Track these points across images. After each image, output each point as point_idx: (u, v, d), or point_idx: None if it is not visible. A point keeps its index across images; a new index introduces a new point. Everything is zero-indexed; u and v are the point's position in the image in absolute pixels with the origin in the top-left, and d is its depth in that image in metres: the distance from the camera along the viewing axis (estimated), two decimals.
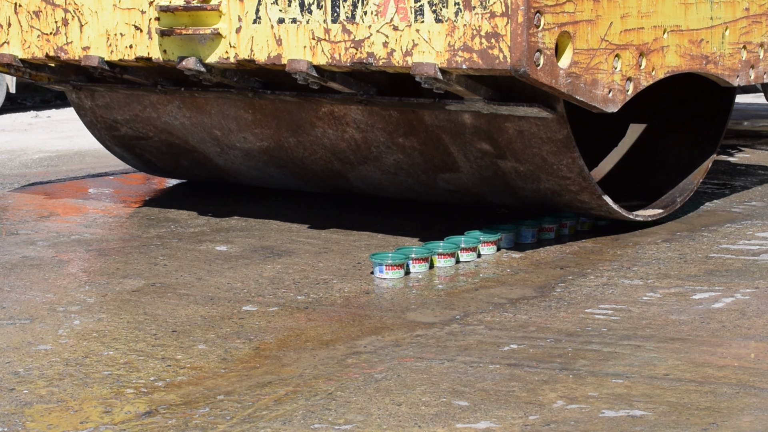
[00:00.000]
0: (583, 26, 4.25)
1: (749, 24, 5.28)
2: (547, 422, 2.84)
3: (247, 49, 4.71)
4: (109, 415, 2.93)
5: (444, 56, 4.19)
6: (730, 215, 5.46)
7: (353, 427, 2.82)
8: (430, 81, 4.24)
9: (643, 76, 4.58)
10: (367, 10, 4.38)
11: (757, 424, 2.80)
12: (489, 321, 3.74)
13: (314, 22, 4.52)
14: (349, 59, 4.42)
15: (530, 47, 4.02)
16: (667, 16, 4.71)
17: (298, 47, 4.56)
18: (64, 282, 4.31)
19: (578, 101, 4.28)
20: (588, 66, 4.28)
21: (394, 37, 4.31)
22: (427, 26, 4.23)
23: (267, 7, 4.64)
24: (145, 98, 5.71)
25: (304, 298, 4.04)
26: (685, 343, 3.47)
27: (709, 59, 5.02)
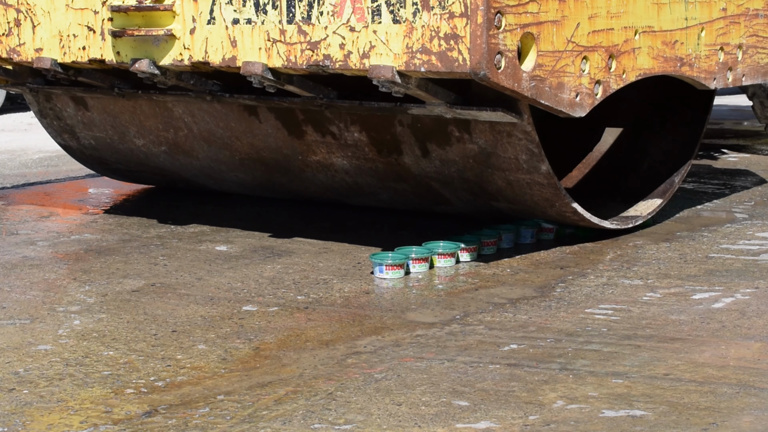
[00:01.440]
0: (548, 27, 4.09)
1: (727, 25, 5.10)
2: (547, 422, 2.84)
3: (201, 51, 4.54)
4: (109, 415, 2.93)
5: (402, 58, 4.03)
6: (730, 215, 5.46)
7: (353, 427, 2.82)
8: (387, 84, 4.08)
9: (613, 78, 4.43)
10: (323, 11, 4.22)
11: (757, 424, 2.80)
12: (489, 321, 3.74)
13: (269, 22, 4.35)
14: (305, 61, 4.26)
15: (490, 49, 3.85)
16: (638, 17, 4.54)
17: (253, 49, 4.40)
18: (64, 282, 4.31)
19: (543, 105, 4.13)
20: (553, 69, 4.13)
21: (351, 38, 4.15)
22: (384, 27, 4.08)
23: (221, 7, 4.48)
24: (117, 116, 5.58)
25: (304, 298, 4.04)
26: (685, 343, 3.47)
27: (684, 61, 4.85)
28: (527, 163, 4.45)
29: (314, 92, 4.57)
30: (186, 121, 5.32)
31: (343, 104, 4.59)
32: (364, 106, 4.54)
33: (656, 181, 5.40)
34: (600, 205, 5.23)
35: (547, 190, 4.52)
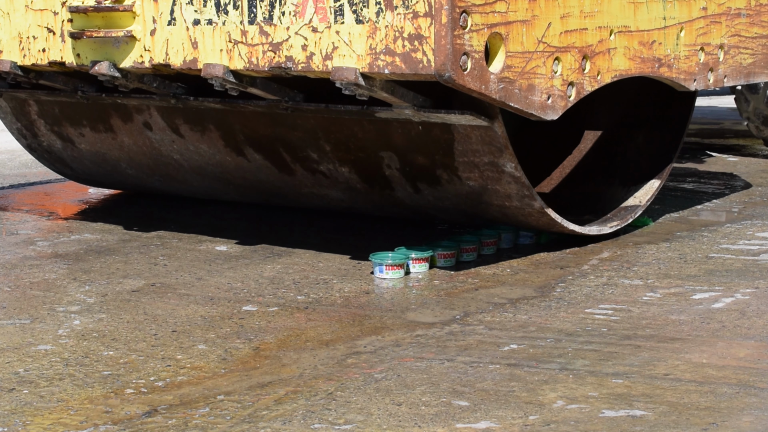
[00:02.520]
0: (517, 27, 3.95)
1: (707, 24, 4.96)
2: (547, 422, 2.84)
3: (162, 53, 4.42)
4: (109, 415, 2.93)
5: (366, 60, 3.89)
6: (730, 215, 5.46)
7: (353, 427, 2.82)
8: (351, 87, 3.94)
9: (587, 80, 4.29)
10: (285, 11, 4.08)
11: (757, 424, 2.80)
12: (489, 321, 3.74)
13: (231, 23, 4.23)
14: (267, 63, 4.13)
15: (456, 50, 3.71)
16: (613, 16, 4.41)
17: (215, 51, 4.28)
18: (64, 282, 4.31)
19: (513, 108, 3.99)
20: (523, 70, 3.98)
21: (314, 39, 4.02)
22: (347, 28, 3.94)
23: (182, 7, 4.35)
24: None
25: (304, 298, 4.04)
26: (685, 343, 3.47)
27: (662, 62, 4.70)
28: (519, 199, 4.39)
29: (279, 95, 4.44)
30: (175, 158, 5.31)
31: (309, 107, 4.45)
32: (330, 109, 4.39)
33: (634, 184, 5.29)
34: (576, 209, 5.18)
35: (543, 219, 4.48)
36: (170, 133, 5.18)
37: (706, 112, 10.12)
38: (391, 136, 4.47)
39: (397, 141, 4.47)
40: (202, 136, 5.06)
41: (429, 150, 4.40)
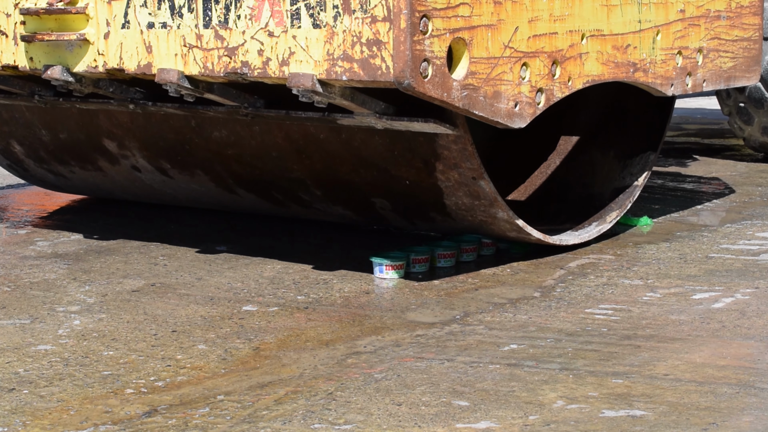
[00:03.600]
0: (482, 32, 3.79)
1: (685, 27, 4.78)
2: (547, 422, 2.84)
3: (116, 57, 4.25)
4: (109, 415, 2.93)
5: (323, 66, 3.74)
6: (730, 215, 5.46)
7: (353, 427, 2.82)
8: (308, 94, 3.79)
9: (557, 86, 4.12)
10: (241, 14, 3.93)
11: (757, 424, 2.80)
12: (489, 321, 3.74)
13: (185, 27, 4.06)
14: (223, 69, 3.98)
15: (415, 56, 3.55)
16: (585, 20, 4.24)
17: (169, 55, 4.11)
18: (64, 282, 4.31)
19: (477, 116, 3.84)
20: (488, 76, 3.82)
21: (270, 44, 3.86)
22: (304, 32, 3.78)
23: (136, 10, 4.19)
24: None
25: (304, 298, 4.04)
26: (685, 343, 3.47)
27: (637, 66, 4.53)
28: (504, 223, 4.35)
29: (238, 101, 4.27)
30: (168, 192, 5.31)
31: (269, 113, 4.27)
32: (291, 115, 4.22)
33: (605, 194, 5.18)
34: (551, 216, 5.13)
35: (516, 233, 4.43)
36: (159, 174, 5.16)
37: (706, 113, 10.13)
38: (353, 144, 4.43)
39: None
40: (192, 178, 5.06)
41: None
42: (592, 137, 5.44)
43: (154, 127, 4.93)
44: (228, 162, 4.82)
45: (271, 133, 4.58)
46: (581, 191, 5.29)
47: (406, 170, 4.38)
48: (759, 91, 6.63)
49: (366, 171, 4.49)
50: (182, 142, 4.89)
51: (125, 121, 4.99)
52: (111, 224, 5.38)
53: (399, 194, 4.51)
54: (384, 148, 4.35)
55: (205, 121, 4.71)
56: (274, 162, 4.69)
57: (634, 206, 5.64)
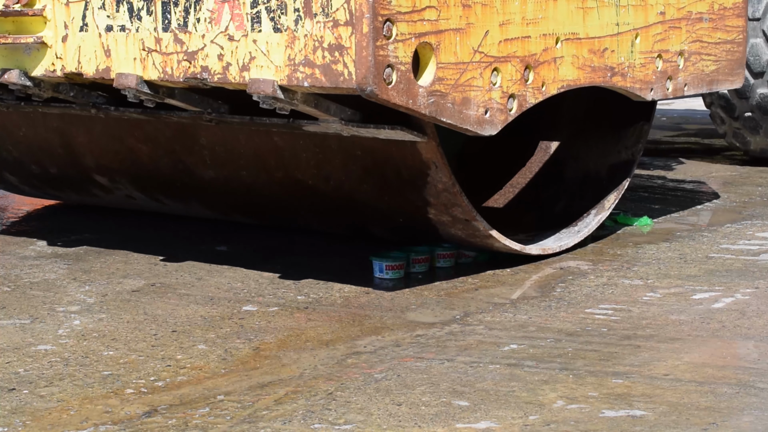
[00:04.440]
0: (450, 36, 3.66)
1: (665, 30, 4.64)
2: (547, 422, 2.84)
3: (74, 61, 4.12)
4: (109, 415, 2.93)
5: (284, 71, 3.61)
6: (730, 215, 5.46)
7: (353, 427, 2.82)
8: (269, 101, 3.67)
9: (530, 92, 3.99)
10: (201, 17, 3.80)
11: (757, 424, 2.80)
12: (489, 321, 3.74)
13: (144, 30, 3.94)
14: (183, 74, 3.85)
15: (378, 62, 3.42)
16: (560, 23, 4.10)
17: (128, 59, 3.99)
18: (64, 282, 4.31)
19: (446, 124, 3.71)
20: (457, 82, 3.69)
21: (230, 48, 3.74)
22: (265, 36, 3.66)
23: (94, 12, 4.06)
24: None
25: (304, 298, 4.04)
26: (685, 343, 3.47)
27: (615, 71, 4.40)
28: (500, 246, 4.30)
29: (201, 106, 4.16)
30: (166, 211, 5.31)
31: (233, 119, 4.18)
32: (255, 122, 4.13)
33: (602, 171, 5.08)
34: (549, 201, 5.07)
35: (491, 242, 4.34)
36: (153, 202, 5.16)
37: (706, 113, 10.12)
38: (343, 189, 4.41)
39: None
40: (187, 205, 5.07)
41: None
42: (587, 112, 5.35)
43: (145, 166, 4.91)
44: (223, 190, 4.80)
45: (262, 176, 4.54)
46: (576, 168, 5.20)
47: (398, 215, 4.37)
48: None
49: (361, 212, 4.49)
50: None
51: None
52: (111, 224, 5.38)
53: (394, 227, 4.50)
54: (373, 196, 4.34)
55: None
56: (277, 200, 4.67)
57: (634, 206, 5.64)
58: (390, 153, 4.12)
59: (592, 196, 5.01)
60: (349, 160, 4.27)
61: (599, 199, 4.95)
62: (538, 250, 4.53)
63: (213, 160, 4.62)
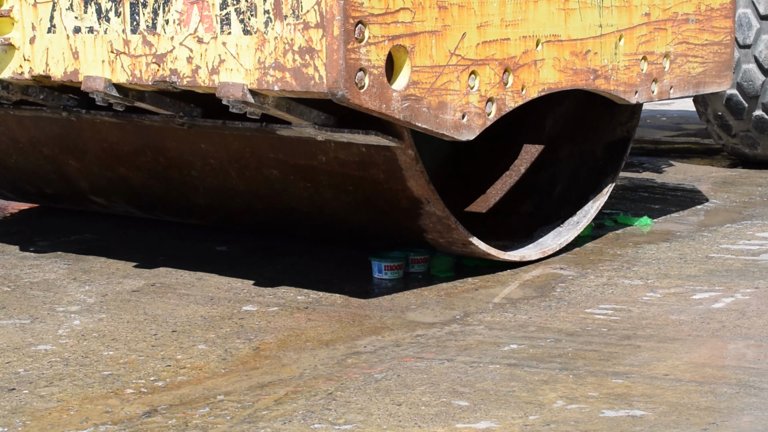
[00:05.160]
0: (425, 39, 3.56)
1: (650, 31, 4.56)
2: (547, 422, 2.84)
3: (42, 63, 4.05)
4: (109, 415, 2.93)
5: (254, 75, 3.52)
6: (730, 215, 5.46)
7: (353, 427, 2.82)
8: (238, 105, 3.58)
9: (509, 95, 3.90)
10: (169, 19, 3.71)
11: (757, 424, 2.80)
12: (489, 321, 3.74)
13: (112, 32, 3.85)
14: (151, 77, 3.77)
15: (350, 65, 3.33)
16: (540, 25, 4.01)
17: (96, 62, 3.91)
18: (64, 282, 4.31)
19: (421, 128, 3.62)
20: (432, 86, 3.60)
21: (199, 51, 3.65)
22: (234, 39, 3.57)
23: (62, 13, 3.97)
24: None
25: (304, 298, 4.04)
26: (685, 343, 3.47)
27: (598, 73, 4.31)
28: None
29: (172, 110, 4.07)
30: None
31: (206, 123, 4.08)
32: (227, 125, 4.03)
33: (597, 152, 5.02)
34: (546, 185, 5.01)
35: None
36: (152, 216, 5.15)
37: None
38: (339, 216, 4.39)
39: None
40: (185, 219, 5.06)
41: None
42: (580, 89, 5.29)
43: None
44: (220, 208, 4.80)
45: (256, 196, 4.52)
46: (572, 149, 5.14)
47: (394, 236, 4.38)
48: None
49: (357, 233, 4.49)
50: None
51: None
52: (111, 224, 5.38)
53: (391, 243, 4.50)
54: (368, 224, 4.34)
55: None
56: (272, 222, 4.66)
57: (634, 206, 5.64)
58: (380, 187, 4.08)
59: (589, 177, 4.96)
60: (341, 194, 4.24)
61: (597, 181, 4.90)
62: (538, 254, 4.52)
63: (206, 191, 4.62)
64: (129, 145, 4.58)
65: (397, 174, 3.98)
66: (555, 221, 4.83)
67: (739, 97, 6.49)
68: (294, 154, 4.15)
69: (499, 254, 4.32)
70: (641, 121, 9.30)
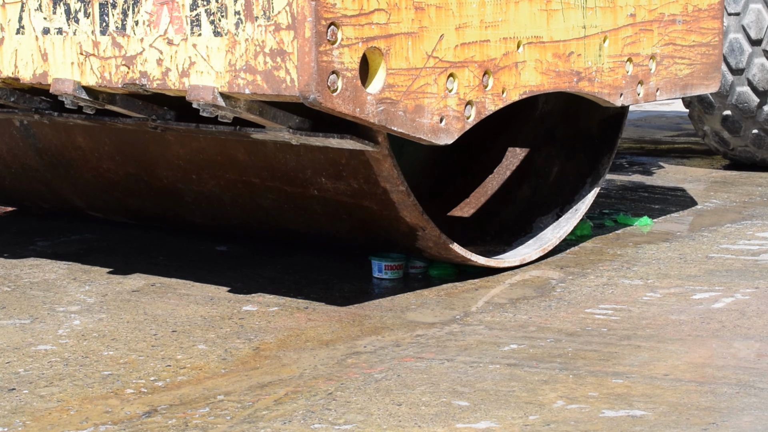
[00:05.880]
0: (401, 40, 3.48)
1: (636, 33, 4.47)
2: (547, 422, 2.84)
3: (11, 65, 3.95)
4: (109, 415, 2.93)
5: (225, 78, 3.44)
6: (730, 215, 5.46)
7: (353, 427, 2.83)
8: (209, 108, 3.48)
9: (489, 98, 3.81)
10: (139, 20, 3.62)
11: (757, 424, 2.80)
12: (489, 321, 3.74)
13: (82, 33, 3.75)
14: (121, 79, 3.67)
15: (322, 68, 3.24)
16: (522, 26, 3.92)
17: (65, 64, 3.81)
18: (64, 282, 4.31)
19: (397, 132, 3.54)
20: (409, 89, 3.51)
21: (169, 53, 3.56)
22: (205, 40, 3.48)
23: (31, 14, 3.88)
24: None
25: (304, 298, 4.04)
26: (685, 343, 3.47)
27: (581, 75, 4.23)
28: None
29: (144, 113, 3.98)
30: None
31: (179, 126, 3.99)
32: (200, 129, 3.93)
33: (593, 128, 4.95)
34: (543, 164, 4.96)
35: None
36: (152, 227, 5.15)
37: None
38: (323, 231, 4.38)
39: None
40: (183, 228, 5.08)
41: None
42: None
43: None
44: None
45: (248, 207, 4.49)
46: (568, 127, 5.07)
47: (394, 249, 4.37)
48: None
49: (356, 245, 4.49)
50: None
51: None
52: (111, 224, 5.38)
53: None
54: (366, 244, 4.34)
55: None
56: (272, 236, 4.65)
57: (634, 206, 5.64)
58: (374, 217, 4.06)
59: (585, 156, 4.90)
60: (336, 222, 4.23)
61: (592, 160, 4.83)
62: (538, 253, 4.52)
63: (201, 214, 4.62)
64: (122, 174, 4.57)
65: (390, 207, 3.96)
66: (553, 208, 4.78)
67: (734, 117, 6.56)
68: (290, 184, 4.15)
69: (499, 263, 4.31)
70: (641, 121, 9.30)
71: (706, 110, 6.60)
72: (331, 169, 3.94)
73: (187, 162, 4.30)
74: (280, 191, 4.17)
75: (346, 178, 3.92)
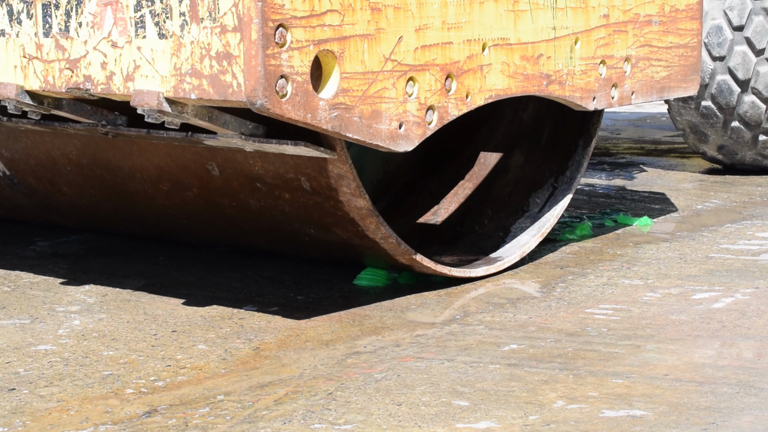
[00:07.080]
0: (356, 43, 3.34)
1: (609, 34, 4.33)
2: (547, 422, 2.84)
3: None
4: (109, 415, 2.93)
5: (170, 82, 3.29)
6: (730, 215, 5.46)
7: (353, 427, 2.83)
8: (154, 114, 3.34)
9: (452, 103, 3.68)
10: (83, 21, 3.47)
11: (757, 424, 2.81)
12: (489, 321, 3.74)
13: (25, 35, 3.61)
14: (65, 83, 3.53)
15: (269, 72, 3.10)
16: (487, 27, 3.78)
17: (8, 67, 3.66)
18: (64, 282, 4.31)
19: (353, 139, 3.40)
20: (365, 94, 3.37)
21: (114, 56, 3.41)
22: (149, 43, 3.33)
23: None
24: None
25: (304, 298, 4.04)
26: (685, 343, 3.47)
27: (551, 78, 4.09)
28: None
29: (94, 119, 3.85)
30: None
31: (129, 132, 3.84)
32: (152, 135, 3.79)
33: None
34: (535, 133, 4.88)
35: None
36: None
37: None
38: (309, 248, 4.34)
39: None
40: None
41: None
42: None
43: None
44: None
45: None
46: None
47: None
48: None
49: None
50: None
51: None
52: None
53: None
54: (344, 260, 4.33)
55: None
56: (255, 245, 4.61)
57: (634, 206, 5.64)
58: (352, 245, 4.03)
59: (575, 116, 4.75)
60: (310, 247, 4.20)
61: (582, 121, 4.73)
62: (518, 256, 4.42)
63: (187, 234, 4.60)
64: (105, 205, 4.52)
65: (372, 240, 3.93)
66: (548, 178, 4.65)
67: (714, 108, 6.40)
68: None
69: (487, 271, 4.26)
70: (641, 121, 9.30)
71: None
72: (292, 182, 3.83)
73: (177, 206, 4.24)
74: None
75: (308, 190, 3.82)
